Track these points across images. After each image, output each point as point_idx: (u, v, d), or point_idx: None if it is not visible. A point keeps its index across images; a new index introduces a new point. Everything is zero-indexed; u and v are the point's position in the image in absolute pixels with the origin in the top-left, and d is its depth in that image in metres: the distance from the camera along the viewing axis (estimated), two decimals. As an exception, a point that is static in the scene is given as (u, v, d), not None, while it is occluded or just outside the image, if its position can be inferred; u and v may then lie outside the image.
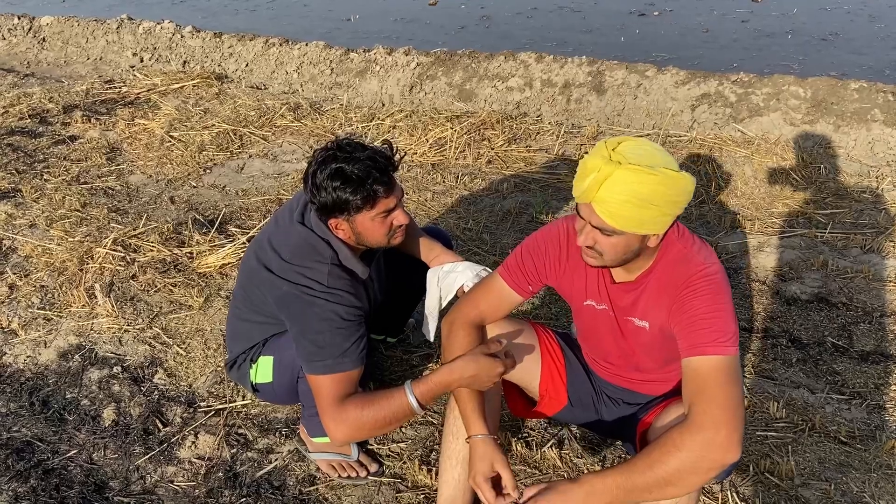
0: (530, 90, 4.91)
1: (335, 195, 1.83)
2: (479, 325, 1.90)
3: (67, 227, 3.57)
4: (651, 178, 1.47)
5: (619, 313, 1.79)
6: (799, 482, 2.07)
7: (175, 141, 4.54)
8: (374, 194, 1.85)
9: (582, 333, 2.02)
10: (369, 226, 1.91)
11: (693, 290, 1.62)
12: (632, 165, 1.47)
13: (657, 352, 1.80)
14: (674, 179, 1.49)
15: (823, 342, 2.61)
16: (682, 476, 1.48)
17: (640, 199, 1.49)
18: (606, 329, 1.85)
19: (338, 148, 1.89)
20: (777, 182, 3.55)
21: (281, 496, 2.20)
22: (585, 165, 1.54)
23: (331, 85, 5.44)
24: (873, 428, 2.25)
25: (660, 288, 1.68)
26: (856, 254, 3.03)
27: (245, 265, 2.18)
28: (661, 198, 1.49)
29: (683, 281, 1.63)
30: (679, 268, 1.65)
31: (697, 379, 1.55)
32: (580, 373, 2.03)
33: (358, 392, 1.88)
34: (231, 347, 2.28)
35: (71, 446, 2.42)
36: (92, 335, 2.89)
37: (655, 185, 1.47)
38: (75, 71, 6.34)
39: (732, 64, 5.36)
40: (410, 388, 1.79)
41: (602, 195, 1.50)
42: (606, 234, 1.57)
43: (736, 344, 1.57)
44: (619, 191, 1.48)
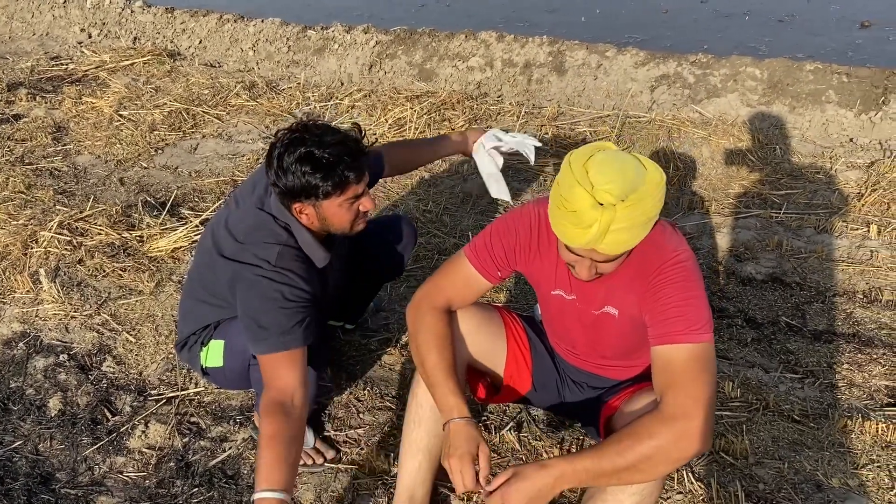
0: (491, 70, 4.86)
1: (304, 180, 1.77)
2: (446, 309, 1.85)
3: (11, 210, 3.44)
4: (641, 205, 1.45)
5: (588, 304, 1.77)
6: (753, 461, 2.10)
7: (125, 120, 4.40)
8: (344, 180, 1.80)
9: (548, 321, 2.00)
10: (335, 212, 1.87)
11: (665, 279, 1.61)
12: (624, 203, 1.44)
13: (625, 339, 1.79)
14: (653, 188, 1.48)
15: (777, 322, 2.64)
16: (652, 464, 1.49)
17: (640, 223, 1.48)
18: (573, 318, 1.84)
19: (305, 130, 1.83)
20: (734, 163, 3.57)
21: (235, 485, 2.15)
22: (579, 219, 1.47)
23: (288, 63, 5.31)
24: (826, 406, 2.28)
25: (631, 276, 1.66)
26: (809, 234, 3.07)
27: (201, 246, 2.12)
28: (653, 208, 1.49)
29: (655, 269, 1.62)
30: (650, 256, 1.63)
31: (669, 368, 1.55)
32: (545, 357, 2.02)
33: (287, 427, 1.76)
34: (182, 328, 2.22)
35: (15, 437, 2.34)
36: (37, 322, 2.79)
37: (646, 207, 1.46)
38: (20, 47, 6.10)
39: (691, 45, 5.36)
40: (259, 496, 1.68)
41: (609, 238, 1.48)
42: (610, 261, 1.56)
43: (709, 331, 1.57)
44: (626, 228, 1.46)
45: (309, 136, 1.79)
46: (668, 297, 1.59)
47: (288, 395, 1.82)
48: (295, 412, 1.81)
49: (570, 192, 1.47)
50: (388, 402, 2.39)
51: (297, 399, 1.83)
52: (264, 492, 1.67)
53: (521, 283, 2.92)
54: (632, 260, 1.65)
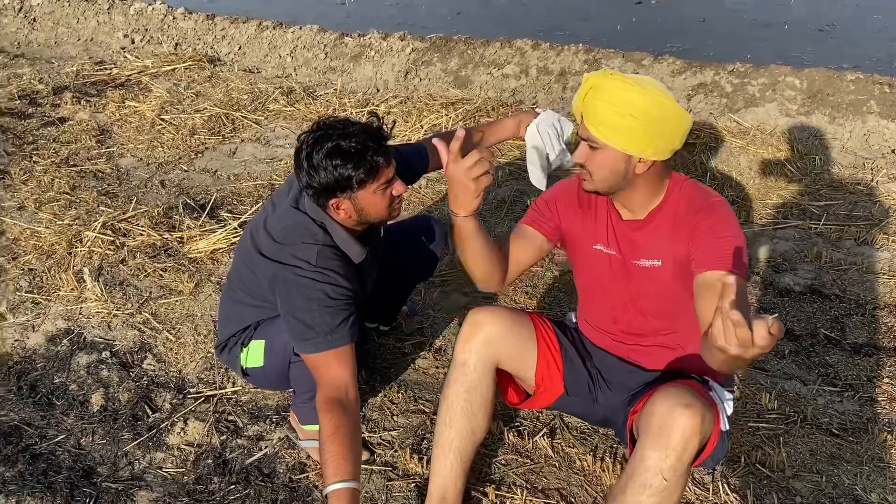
0: (526, 77, 4.88)
1: (336, 173, 1.81)
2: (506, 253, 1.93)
3: (56, 210, 3.53)
4: (633, 90, 1.58)
5: (628, 256, 1.84)
6: (790, 474, 2.07)
7: (166, 124, 4.49)
8: (375, 165, 1.83)
9: (586, 288, 2.04)
10: (371, 200, 1.89)
11: (712, 213, 1.71)
12: (624, 80, 1.59)
13: (667, 292, 1.83)
14: (657, 98, 1.58)
15: (816, 334, 2.61)
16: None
17: (619, 107, 1.58)
18: (614, 275, 1.89)
19: (327, 126, 1.87)
20: (772, 173, 3.53)
21: (271, 483, 2.18)
22: (584, 79, 1.67)
23: (325, 69, 5.39)
24: (865, 420, 2.25)
25: (675, 221, 1.76)
26: (849, 245, 3.03)
27: (240, 248, 2.16)
28: (640, 111, 1.58)
29: (702, 206, 1.73)
30: (695, 197, 1.75)
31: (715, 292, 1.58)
32: (576, 360, 2.03)
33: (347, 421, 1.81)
34: (222, 330, 2.26)
35: (59, 431, 2.39)
36: (80, 319, 2.86)
37: (637, 97, 1.57)
38: (66, 52, 6.26)
39: (729, 54, 5.33)
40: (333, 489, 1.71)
41: (588, 104, 1.64)
42: (594, 149, 1.67)
43: (745, 272, 1.68)
44: (603, 99, 1.61)
45: (332, 131, 1.83)
46: (716, 227, 1.68)
47: (342, 390, 1.86)
48: (350, 405, 1.85)
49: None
50: (421, 405, 2.41)
51: (350, 393, 1.87)
52: (337, 484, 1.72)
53: (553, 290, 2.92)
54: (674, 205, 1.76)
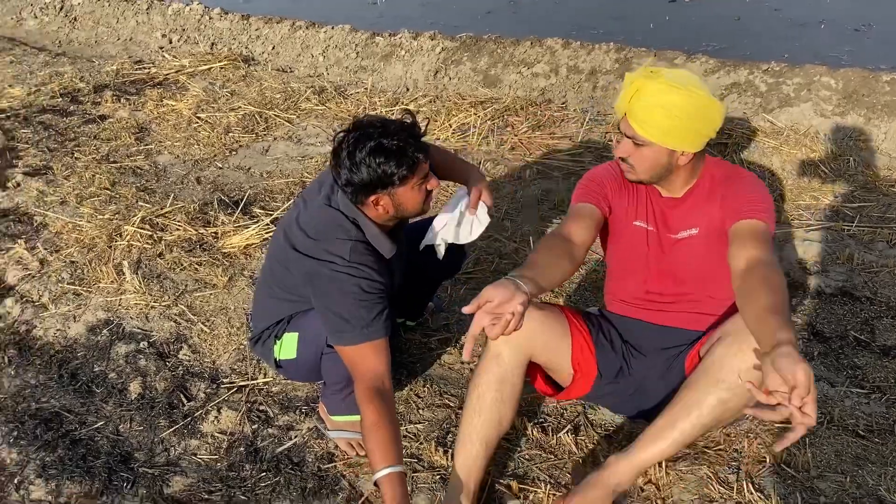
0: (556, 77, 4.90)
1: (380, 170, 1.86)
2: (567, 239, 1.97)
3: (97, 205, 3.64)
4: (676, 92, 1.71)
5: (665, 231, 1.98)
6: (815, 474, 2.07)
7: (202, 122, 4.59)
8: (416, 161, 1.89)
9: (621, 263, 2.13)
10: (409, 195, 1.96)
11: (742, 179, 1.91)
12: (665, 81, 1.72)
13: (704, 260, 1.96)
14: (698, 98, 1.74)
15: (846, 336, 2.60)
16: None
17: (665, 109, 1.72)
18: (650, 249, 2.01)
19: (367, 125, 1.92)
20: (805, 174, 3.51)
21: (300, 472, 2.24)
22: (625, 80, 1.80)
23: (356, 69, 5.45)
24: (892, 422, 2.24)
25: (710, 192, 1.92)
26: (882, 248, 3.00)
27: (274, 243, 2.23)
28: (684, 112, 1.73)
29: (735, 174, 1.93)
30: (728, 169, 1.96)
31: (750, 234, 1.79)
32: (605, 343, 2.11)
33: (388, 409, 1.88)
34: (256, 323, 2.33)
35: (98, 418, 2.48)
36: (120, 311, 2.95)
37: (679, 98, 1.71)
38: (106, 51, 6.42)
39: (764, 53, 5.28)
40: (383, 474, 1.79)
41: (633, 105, 1.75)
42: (638, 145, 1.80)
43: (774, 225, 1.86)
44: (648, 101, 1.73)
45: (373, 130, 1.88)
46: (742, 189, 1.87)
47: (379, 380, 1.92)
48: (388, 395, 1.92)
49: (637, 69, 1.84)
50: (447, 399, 2.45)
51: (387, 383, 1.94)
52: (385, 469, 1.79)
53: (580, 287, 2.94)
54: (708, 180, 1.93)
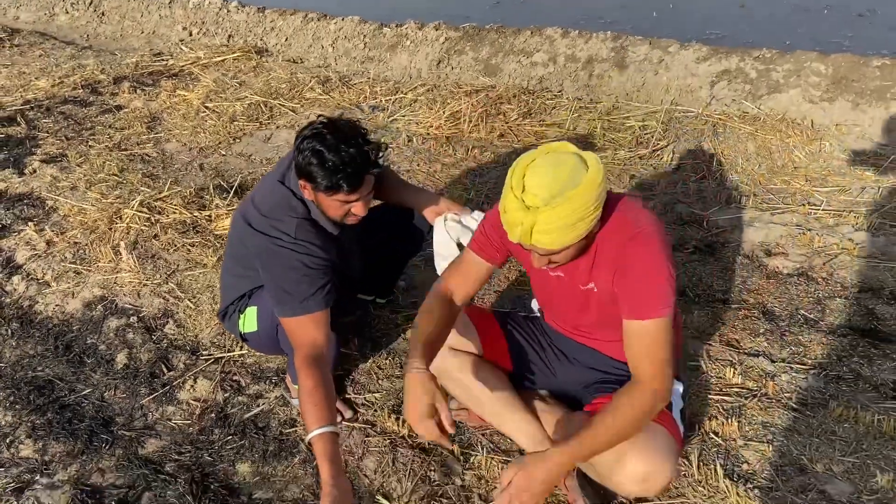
0: (554, 65, 4.97)
1: (307, 168, 2.00)
2: (447, 296, 2.04)
3: (103, 190, 3.86)
4: (566, 207, 1.62)
5: (574, 280, 1.94)
6: (741, 443, 2.17)
7: (210, 111, 4.80)
8: (337, 187, 1.99)
9: (541, 298, 2.20)
10: (328, 203, 2.08)
11: (628, 258, 1.79)
12: (547, 207, 1.62)
13: (605, 312, 1.94)
14: (585, 190, 1.64)
15: (795, 315, 2.67)
16: (635, 426, 1.75)
17: (568, 227, 1.66)
18: (562, 293, 2.01)
19: (334, 129, 2.02)
20: (779, 159, 3.55)
21: (263, 436, 2.41)
22: (507, 219, 1.70)
23: (363, 59, 5.60)
24: (827, 397, 2.32)
25: (604, 255, 1.84)
26: (846, 231, 3.05)
27: (233, 221, 2.38)
28: (584, 210, 1.65)
29: (620, 249, 1.80)
30: (615, 236, 1.82)
31: (639, 341, 1.78)
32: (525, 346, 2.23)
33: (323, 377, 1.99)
34: (223, 298, 2.50)
35: (86, 386, 2.69)
36: (115, 288, 3.16)
37: (575, 207, 1.63)
38: (129, 44, 6.68)
39: (767, 40, 5.28)
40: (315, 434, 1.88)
41: (534, 239, 1.68)
42: (555, 252, 1.74)
43: (669, 305, 1.76)
44: (547, 231, 1.65)
45: (330, 138, 1.99)
46: (634, 274, 1.78)
47: (318, 349, 2.06)
48: (325, 363, 2.05)
49: (504, 196, 1.71)
50: (406, 371, 2.60)
51: (324, 353, 2.07)
52: (317, 430, 1.89)
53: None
54: (603, 240, 1.83)
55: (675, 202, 3.38)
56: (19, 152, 4.40)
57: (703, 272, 2.93)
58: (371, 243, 2.53)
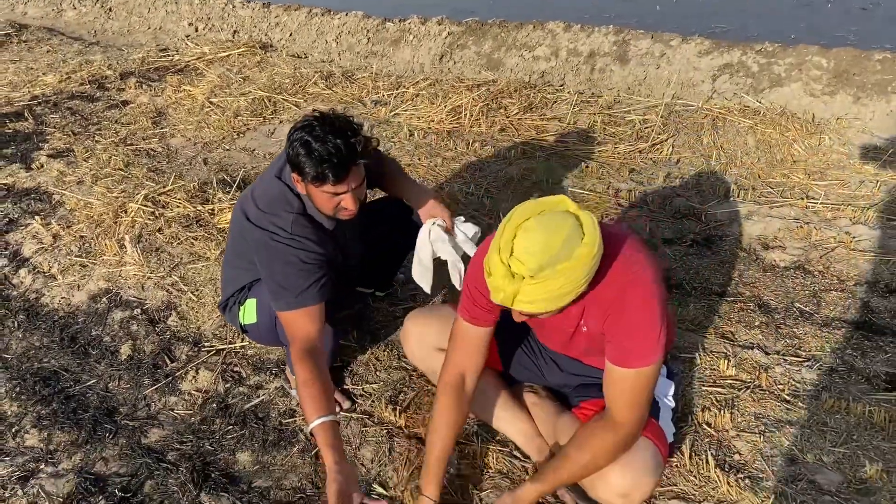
0: (556, 59, 4.99)
1: (296, 159, 2.02)
2: (459, 384, 1.99)
3: (109, 185, 3.91)
4: (553, 282, 1.55)
5: (564, 322, 1.90)
6: (733, 434, 2.19)
7: (214, 107, 4.84)
8: (323, 177, 2.00)
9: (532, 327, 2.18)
10: (318, 195, 2.08)
11: (621, 304, 1.73)
12: (532, 280, 1.54)
13: (592, 346, 1.94)
14: (577, 265, 1.55)
15: (791, 308, 2.69)
16: (602, 463, 1.80)
17: (551, 299, 1.59)
18: (549, 326, 2.00)
19: (323, 120, 2.04)
20: (778, 153, 3.57)
21: (263, 426, 2.45)
22: (491, 282, 1.61)
23: (366, 54, 5.64)
24: (820, 389, 2.34)
25: (598, 299, 1.77)
26: (844, 224, 3.06)
27: (234, 214, 2.42)
28: (574, 284, 1.58)
29: (613, 295, 1.74)
30: (609, 284, 1.74)
31: (619, 385, 1.78)
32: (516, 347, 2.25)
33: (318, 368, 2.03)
34: (224, 290, 2.54)
35: (91, 376, 2.74)
36: (119, 281, 3.21)
37: (559, 283, 1.55)
38: (136, 40, 6.74)
39: (772, 34, 5.28)
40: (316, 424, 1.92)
41: (519, 305, 1.61)
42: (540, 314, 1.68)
43: (657, 353, 1.73)
44: (531, 301, 1.59)
45: (318, 128, 2.01)
46: (626, 323, 1.73)
47: (313, 342, 2.10)
48: (321, 355, 2.10)
49: (489, 256, 1.61)
50: (403, 363, 2.63)
51: (319, 345, 2.11)
52: (318, 419, 1.92)
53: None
54: (597, 288, 1.75)
55: (674, 195, 3.40)
56: (27, 147, 4.45)
57: (700, 265, 2.95)
58: (372, 237, 2.56)
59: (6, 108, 5.04)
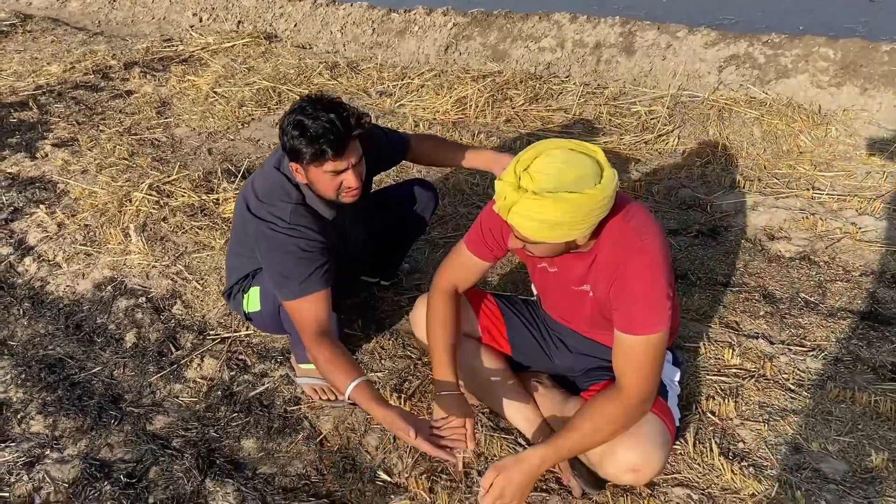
0: (562, 51, 4.98)
1: (292, 143, 2.02)
2: (452, 291, 2.11)
3: (114, 174, 3.91)
4: (551, 207, 1.59)
5: (568, 279, 1.94)
6: (737, 422, 2.19)
7: (218, 97, 4.84)
8: (322, 154, 2.00)
9: (539, 291, 2.23)
10: (319, 178, 2.08)
11: (628, 271, 1.76)
12: (534, 195, 1.59)
13: (599, 314, 1.95)
14: (580, 201, 1.59)
15: (796, 298, 2.68)
16: (613, 433, 1.78)
17: (544, 223, 1.63)
18: (558, 289, 2.03)
19: (311, 101, 2.06)
20: (785, 144, 3.55)
21: (268, 413, 2.46)
22: (498, 186, 1.67)
23: (371, 45, 5.62)
24: (825, 378, 2.33)
25: (605, 263, 1.82)
26: (850, 215, 3.05)
27: (237, 204, 2.42)
28: (570, 217, 1.62)
29: (620, 260, 1.77)
30: (617, 248, 1.78)
31: (627, 353, 1.78)
32: (523, 329, 2.25)
33: (336, 345, 2.06)
34: (228, 279, 2.54)
35: (96, 364, 2.74)
36: (124, 269, 3.21)
37: (556, 211, 1.60)
38: (140, 30, 6.73)
39: (781, 25, 5.25)
40: (352, 388, 1.93)
41: (511, 217, 1.66)
42: (530, 242, 1.73)
43: (664, 321, 1.74)
44: (525, 216, 1.63)
45: (308, 108, 2.01)
46: (632, 288, 1.75)
47: (322, 326, 2.09)
48: (333, 335, 2.10)
49: (510, 165, 1.68)
50: (409, 351, 2.63)
51: (329, 327, 2.11)
52: (351, 384, 1.93)
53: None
54: (605, 247, 1.81)
55: (680, 186, 3.40)
56: (31, 136, 4.46)
57: (706, 256, 2.95)
58: (377, 225, 2.56)
59: (11, 98, 5.05)
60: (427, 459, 2.19)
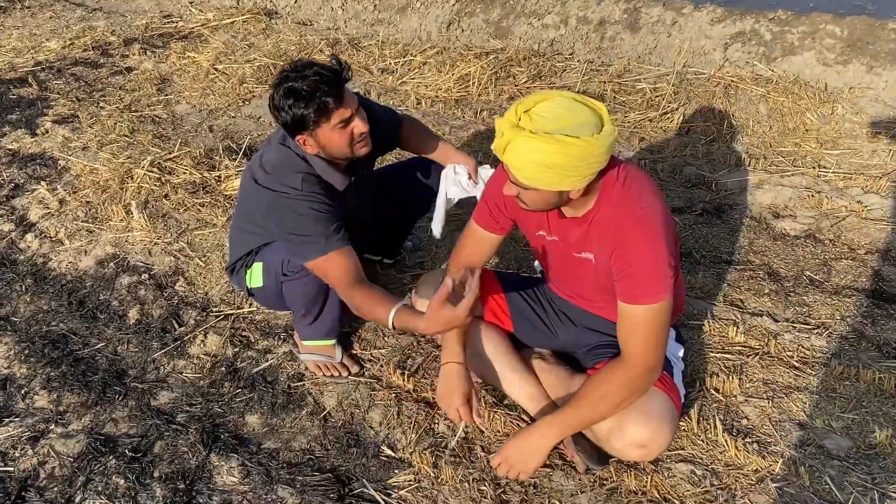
0: (565, 27, 4.93)
1: (292, 113, 2.00)
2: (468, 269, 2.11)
3: (114, 151, 3.89)
4: (545, 147, 1.59)
5: (568, 246, 1.94)
6: (741, 399, 2.19)
7: (219, 74, 4.80)
8: (325, 105, 1.98)
9: (540, 262, 2.22)
10: (330, 137, 2.07)
11: (628, 238, 1.75)
12: (531, 134, 1.60)
13: (600, 281, 1.94)
14: (568, 145, 1.59)
15: (801, 276, 2.67)
16: (621, 405, 1.80)
17: (537, 165, 1.62)
18: (558, 257, 2.03)
19: (290, 69, 2.06)
20: (790, 121, 3.53)
21: (272, 389, 2.46)
22: (498, 122, 1.68)
23: (373, 21, 5.57)
24: (829, 356, 2.33)
25: (605, 228, 1.81)
26: (855, 193, 3.04)
27: (242, 180, 2.41)
28: (555, 162, 1.61)
29: (620, 226, 1.76)
30: (617, 211, 1.77)
31: (631, 323, 1.77)
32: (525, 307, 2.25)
33: (368, 286, 2.09)
34: (231, 254, 2.53)
35: (99, 340, 2.74)
36: (126, 246, 3.20)
37: (549, 150, 1.59)
38: (139, 6, 6.66)
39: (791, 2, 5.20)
40: (394, 314, 1.96)
41: (507, 156, 1.66)
42: (523, 187, 1.72)
43: (667, 290, 1.73)
44: (518, 155, 1.63)
45: (291, 74, 2.01)
46: (631, 257, 1.74)
47: (355, 277, 2.10)
48: (366, 280, 2.12)
49: (512, 106, 1.69)
50: (412, 328, 2.63)
51: (362, 275, 2.12)
52: (392, 311, 1.96)
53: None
54: (605, 212, 1.80)
55: (685, 164, 3.38)
56: (31, 113, 4.43)
57: (710, 234, 2.94)
58: (381, 204, 2.55)
59: (10, 74, 5.01)
60: (431, 435, 2.19)
